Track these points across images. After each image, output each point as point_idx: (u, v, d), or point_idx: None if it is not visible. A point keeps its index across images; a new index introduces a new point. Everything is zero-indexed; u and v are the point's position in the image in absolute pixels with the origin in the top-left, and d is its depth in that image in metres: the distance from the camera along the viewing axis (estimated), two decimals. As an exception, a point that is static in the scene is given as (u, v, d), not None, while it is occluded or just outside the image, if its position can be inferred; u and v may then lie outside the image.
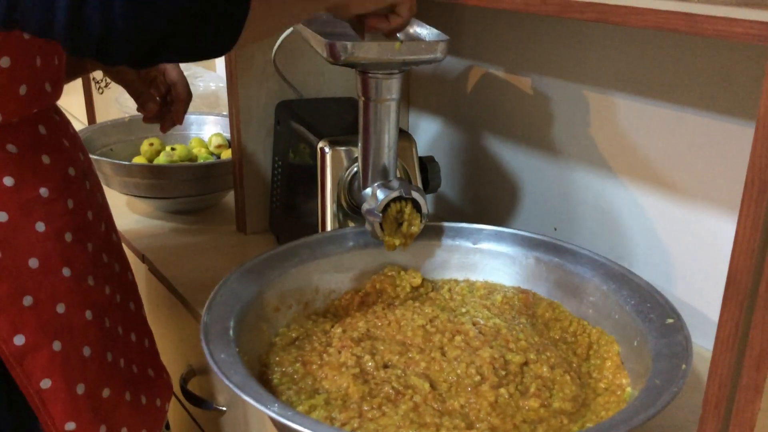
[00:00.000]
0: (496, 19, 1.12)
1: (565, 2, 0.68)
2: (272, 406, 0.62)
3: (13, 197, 0.70)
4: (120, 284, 0.85)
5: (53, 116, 0.77)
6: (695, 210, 0.90)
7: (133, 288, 0.90)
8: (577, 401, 0.73)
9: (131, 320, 0.87)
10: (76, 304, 0.75)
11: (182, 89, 1.05)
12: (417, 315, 0.85)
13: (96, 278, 0.78)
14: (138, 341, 0.87)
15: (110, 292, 0.81)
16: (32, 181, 0.71)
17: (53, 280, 0.73)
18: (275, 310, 0.85)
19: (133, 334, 0.86)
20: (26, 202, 0.71)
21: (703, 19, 0.57)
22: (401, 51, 0.77)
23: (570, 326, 0.85)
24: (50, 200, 0.73)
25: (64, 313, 0.74)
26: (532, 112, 1.10)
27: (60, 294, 0.73)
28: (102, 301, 0.79)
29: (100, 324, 0.78)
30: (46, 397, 0.73)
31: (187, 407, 1.17)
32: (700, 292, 0.92)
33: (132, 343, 0.85)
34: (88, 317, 0.76)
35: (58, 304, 0.73)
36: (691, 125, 0.88)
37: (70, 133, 0.80)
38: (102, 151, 1.39)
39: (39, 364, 0.72)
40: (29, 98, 0.71)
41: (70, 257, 0.75)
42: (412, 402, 0.71)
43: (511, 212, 1.17)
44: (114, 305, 0.82)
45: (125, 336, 0.84)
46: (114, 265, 0.84)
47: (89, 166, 0.83)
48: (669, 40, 0.88)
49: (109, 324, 0.80)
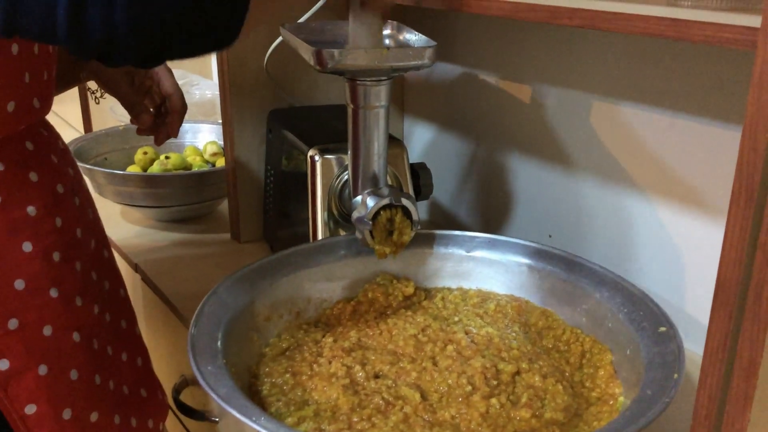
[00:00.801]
0: (489, 26, 1.12)
1: (554, 8, 0.67)
2: (258, 418, 0.61)
3: (0, 216, 0.68)
4: (111, 302, 0.83)
5: (41, 131, 0.76)
6: (690, 216, 0.90)
7: (125, 305, 0.88)
8: (570, 411, 0.72)
9: (122, 339, 0.85)
10: (64, 326, 0.73)
11: (177, 101, 1.04)
12: (409, 324, 0.84)
13: (84, 298, 0.76)
14: (129, 360, 0.85)
15: (99, 311, 0.79)
16: (19, 200, 0.70)
17: (40, 302, 0.71)
18: (266, 320, 0.84)
19: (124, 354, 0.84)
20: (13, 222, 0.69)
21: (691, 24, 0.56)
22: (389, 57, 0.76)
23: (563, 334, 0.84)
24: (38, 219, 0.71)
25: (51, 336, 0.72)
26: (526, 118, 1.09)
27: (47, 316, 0.72)
28: (90, 322, 0.77)
29: (88, 346, 0.76)
30: (31, 423, 0.71)
31: (180, 418, 1.17)
32: (696, 299, 0.91)
33: (122, 363, 0.84)
34: (75, 339, 0.74)
35: (45, 326, 0.72)
36: (684, 131, 0.88)
37: (59, 149, 0.79)
38: (96, 160, 1.39)
39: (24, 388, 0.70)
40: (17, 115, 0.69)
41: (58, 277, 0.73)
42: (402, 413, 0.70)
43: (505, 219, 1.17)
44: (103, 325, 0.80)
45: (115, 356, 0.82)
46: (104, 282, 0.83)
47: (79, 181, 0.82)
48: (662, 45, 0.88)
49: (98, 345, 0.78)
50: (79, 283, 0.76)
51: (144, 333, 0.93)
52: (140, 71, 1.01)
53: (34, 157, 0.72)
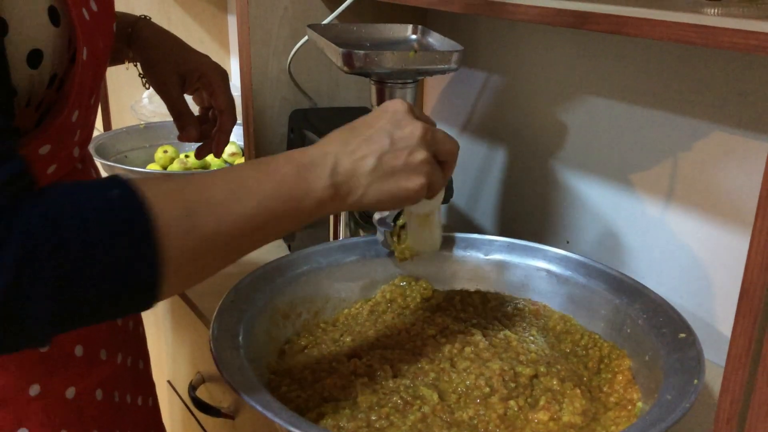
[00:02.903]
0: (510, 31, 1.12)
1: (580, 13, 0.68)
2: (280, 413, 0.62)
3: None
4: (132, 344, 0.82)
5: (76, 166, 0.73)
6: (708, 224, 0.90)
7: (143, 343, 0.87)
8: (587, 415, 0.72)
9: (139, 382, 0.83)
10: (87, 385, 0.71)
11: (228, 120, 0.95)
12: (427, 325, 0.85)
13: (109, 349, 0.74)
14: (144, 403, 0.84)
15: (122, 358, 0.77)
16: None
17: (64, 363, 0.69)
18: (285, 318, 0.85)
19: (140, 398, 0.83)
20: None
21: (718, 31, 0.57)
22: (416, 60, 0.77)
23: (581, 339, 0.84)
24: None
25: (74, 398, 0.70)
26: (546, 124, 1.09)
27: (71, 378, 0.69)
28: (113, 373, 0.75)
29: (110, 401, 0.74)
30: None
31: (196, 414, 1.17)
32: (711, 307, 0.91)
33: (138, 408, 0.82)
34: (98, 397, 0.72)
35: (68, 388, 0.69)
36: (705, 138, 0.88)
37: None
38: (116, 157, 1.40)
39: None
40: (56, 175, 0.67)
41: (83, 333, 0.70)
42: (421, 413, 0.70)
43: (523, 224, 1.17)
44: (125, 371, 0.78)
45: (133, 403, 0.80)
46: (129, 323, 0.81)
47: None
48: (685, 53, 0.88)
49: (119, 397, 0.76)
50: (105, 333, 0.73)
51: (162, 331, 0.93)
52: (193, 73, 0.93)
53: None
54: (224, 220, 0.54)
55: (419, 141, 0.63)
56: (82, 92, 0.64)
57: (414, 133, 0.63)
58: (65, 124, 0.63)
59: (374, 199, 0.62)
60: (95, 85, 0.68)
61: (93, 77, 0.66)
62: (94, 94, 0.70)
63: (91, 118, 0.72)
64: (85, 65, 0.62)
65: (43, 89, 0.60)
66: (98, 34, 0.65)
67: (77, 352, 0.70)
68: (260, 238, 0.59)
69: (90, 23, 0.63)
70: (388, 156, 0.62)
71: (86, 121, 0.70)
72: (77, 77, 0.62)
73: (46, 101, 0.62)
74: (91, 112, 0.71)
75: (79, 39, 0.61)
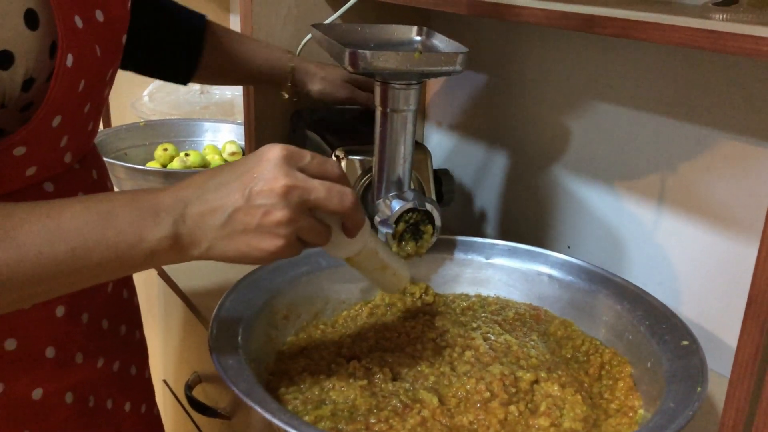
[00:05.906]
0: (514, 33, 1.12)
1: (588, 17, 0.67)
2: (279, 414, 0.61)
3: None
4: (123, 348, 0.80)
5: (72, 167, 0.72)
6: (712, 231, 0.89)
7: (140, 348, 0.86)
8: (588, 422, 0.72)
9: (129, 388, 0.81)
10: (57, 388, 0.70)
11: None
12: (427, 328, 0.84)
13: (87, 353, 0.73)
14: (134, 410, 0.82)
15: (105, 363, 0.76)
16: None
17: (32, 364, 0.68)
18: (284, 319, 0.84)
19: (128, 404, 0.81)
20: None
21: (727, 36, 0.56)
22: (421, 62, 0.76)
23: (582, 345, 0.84)
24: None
25: (40, 400, 0.69)
26: (549, 127, 1.09)
27: (38, 379, 0.68)
28: (90, 377, 0.74)
29: (82, 405, 0.73)
30: None
31: (191, 414, 1.16)
32: (714, 316, 0.91)
33: (125, 414, 0.80)
34: (68, 400, 0.71)
35: (35, 390, 0.68)
36: (710, 144, 0.87)
37: (87, 186, 0.75)
38: (116, 154, 1.40)
39: None
40: (40, 176, 0.66)
41: (56, 335, 0.69)
42: (420, 416, 0.70)
43: (524, 228, 1.16)
44: (108, 376, 0.77)
45: (117, 408, 0.79)
46: (120, 327, 0.80)
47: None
48: (692, 59, 0.88)
49: (95, 401, 0.75)
50: (81, 337, 0.72)
51: (158, 331, 0.92)
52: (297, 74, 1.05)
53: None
54: (24, 260, 0.51)
55: (278, 199, 0.57)
56: (67, 98, 0.62)
57: (274, 189, 0.57)
58: (41, 129, 0.62)
59: (221, 255, 0.59)
60: (90, 93, 0.66)
61: (86, 86, 0.64)
62: (89, 103, 0.68)
63: (85, 125, 0.70)
64: (70, 72, 0.61)
65: (17, 92, 0.59)
66: (96, 42, 0.64)
67: (48, 354, 0.69)
68: (75, 282, 0.56)
69: (84, 31, 0.62)
70: (241, 213, 0.57)
71: (77, 128, 0.68)
72: (57, 83, 0.60)
73: (35, 104, 0.61)
74: (87, 120, 0.70)
75: (61, 45, 0.59)
